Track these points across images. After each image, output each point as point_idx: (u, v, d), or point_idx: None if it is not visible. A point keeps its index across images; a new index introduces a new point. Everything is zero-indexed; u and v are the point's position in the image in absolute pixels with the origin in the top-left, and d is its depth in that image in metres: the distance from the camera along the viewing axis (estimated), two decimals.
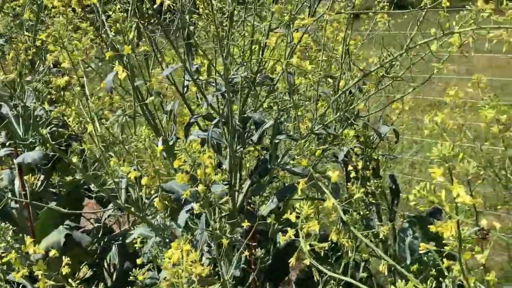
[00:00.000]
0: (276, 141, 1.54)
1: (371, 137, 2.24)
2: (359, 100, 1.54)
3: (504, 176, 1.86)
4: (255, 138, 1.57)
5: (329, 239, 2.00)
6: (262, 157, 1.86)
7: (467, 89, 2.00)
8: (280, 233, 1.93)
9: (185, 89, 1.77)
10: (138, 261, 1.83)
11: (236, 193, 1.75)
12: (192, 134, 1.63)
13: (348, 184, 2.29)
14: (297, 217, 1.28)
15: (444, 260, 1.22)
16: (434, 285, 1.20)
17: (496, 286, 1.28)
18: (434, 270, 1.91)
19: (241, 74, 1.43)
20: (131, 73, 1.64)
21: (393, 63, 1.67)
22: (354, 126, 2.08)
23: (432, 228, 0.94)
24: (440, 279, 1.45)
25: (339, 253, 2.11)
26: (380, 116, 2.38)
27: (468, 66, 6.63)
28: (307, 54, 1.89)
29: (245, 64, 1.50)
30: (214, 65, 1.50)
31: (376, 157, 2.19)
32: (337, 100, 1.43)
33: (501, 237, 1.05)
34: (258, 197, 1.71)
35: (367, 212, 2.31)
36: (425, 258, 2.05)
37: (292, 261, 1.29)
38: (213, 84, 1.62)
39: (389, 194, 2.56)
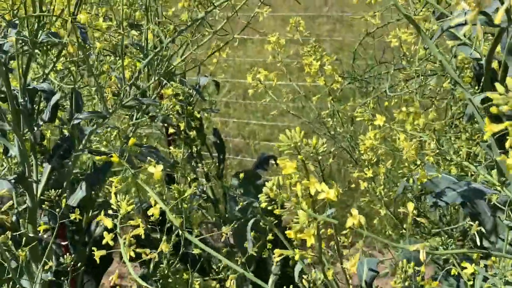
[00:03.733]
0: (76, 121, 1.21)
1: (191, 93, 2.00)
2: (176, 57, 1.27)
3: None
4: (45, 116, 1.22)
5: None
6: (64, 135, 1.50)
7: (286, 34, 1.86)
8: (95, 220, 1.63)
9: None
10: None
11: (35, 184, 1.39)
12: None
13: (171, 147, 2.05)
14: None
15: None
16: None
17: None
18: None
19: (13, 37, 1.05)
20: None
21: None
22: (171, 83, 1.82)
23: (291, 234, 0.75)
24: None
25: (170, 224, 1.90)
26: (199, 68, 2.14)
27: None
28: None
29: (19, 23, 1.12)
30: None
31: (198, 116, 1.96)
32: (150, 62, 1.14)
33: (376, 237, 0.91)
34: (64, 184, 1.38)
35: (195, 176, 2.11)
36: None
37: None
38: None
39: (215, 149, 2.39)
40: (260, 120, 5.44)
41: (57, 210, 1.23)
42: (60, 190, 1.25)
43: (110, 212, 0.98)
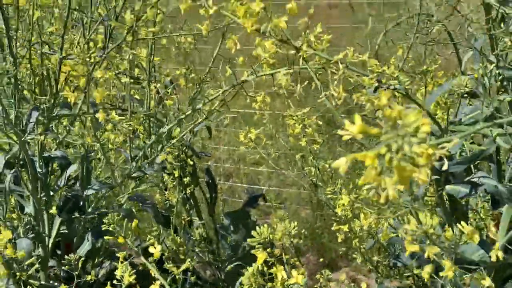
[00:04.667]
0: (89, 193, 1.38)
1: (185, 139, 2.17)
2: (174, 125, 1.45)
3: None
4: (61, 183, 1.39)
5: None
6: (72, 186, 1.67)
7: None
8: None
9: None
10: None
11: (47, 238, 1.55)
12: None
13: (166, 192, 2.22)
14: None
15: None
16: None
17: None
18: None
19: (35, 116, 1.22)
20: None
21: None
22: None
23: None
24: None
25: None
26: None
27: None
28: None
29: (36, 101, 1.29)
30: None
31: (191, 163, 2.13)
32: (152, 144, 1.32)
33: None
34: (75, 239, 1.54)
35: (189, 218, 2.28)
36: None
37: None
38: None
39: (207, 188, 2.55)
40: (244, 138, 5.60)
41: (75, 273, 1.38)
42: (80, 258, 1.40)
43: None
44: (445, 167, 0.50)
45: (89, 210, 1.45)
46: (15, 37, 1.27)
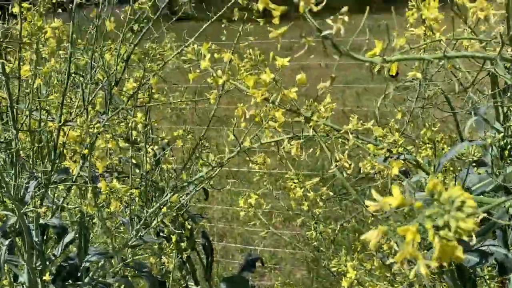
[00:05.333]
0: (87, 264, 1.34)
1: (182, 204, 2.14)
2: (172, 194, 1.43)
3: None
4: (58, 252, 1.35)
5: None
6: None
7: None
8: None
9: None
10: None
11: None
12: None
13: (163, 258, 2.17)
14: None
15: None
16: None
17: None
18: None
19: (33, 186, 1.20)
20: None
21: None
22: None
23: None
24: None
25: None
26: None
27: None
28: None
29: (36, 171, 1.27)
30: None
31: (189, 227, 2.10)
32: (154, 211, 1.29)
33: None
34: None
35: (185, 284, 2.22)
36: None
37: None
38: None
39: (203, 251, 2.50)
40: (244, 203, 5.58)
41: None
42: None
43: None
44: (474, 242, 0.48)
45: (86, 280, 1.40)
46: (15, 107, 1.26)
